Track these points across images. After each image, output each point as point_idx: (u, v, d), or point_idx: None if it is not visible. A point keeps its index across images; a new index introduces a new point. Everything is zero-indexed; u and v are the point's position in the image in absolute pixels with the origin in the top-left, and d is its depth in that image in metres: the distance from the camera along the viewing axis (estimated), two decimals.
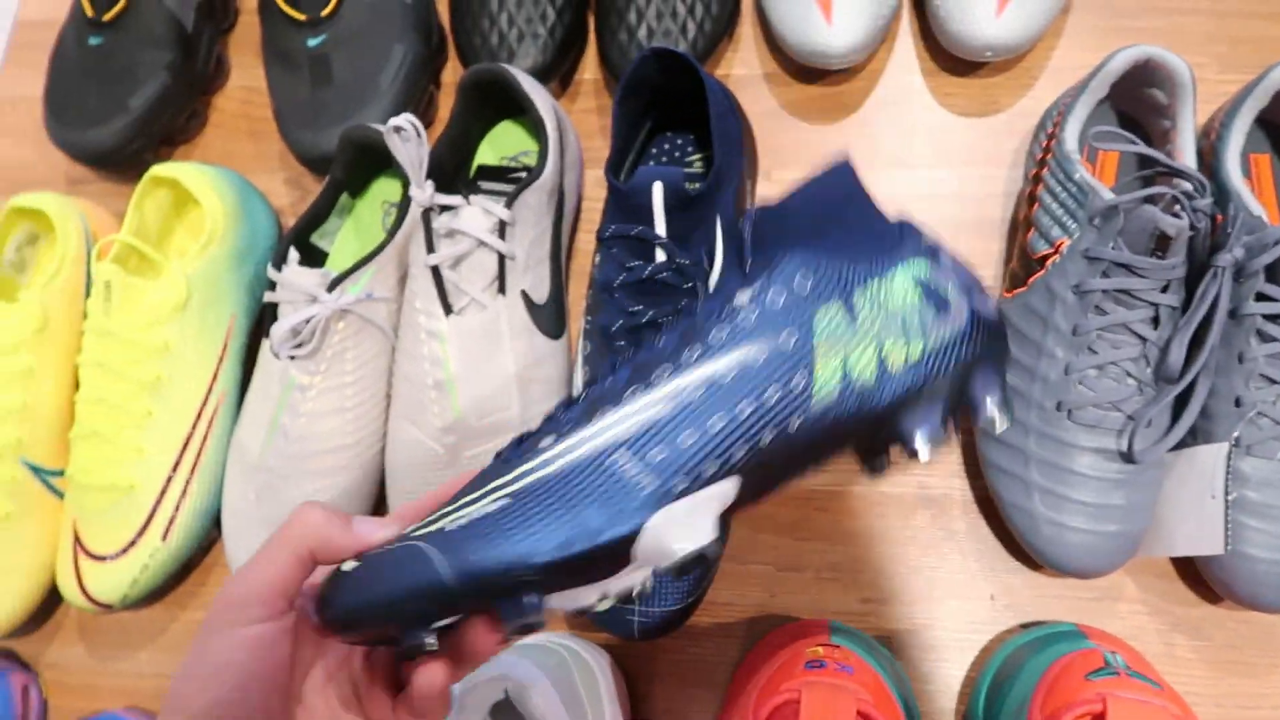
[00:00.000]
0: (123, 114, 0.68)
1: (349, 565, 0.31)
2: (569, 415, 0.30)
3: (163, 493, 0.58)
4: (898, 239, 0.30)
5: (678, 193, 0.50)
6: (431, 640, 0.30)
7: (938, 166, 0.63)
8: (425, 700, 0.33)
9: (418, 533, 0.30)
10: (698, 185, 0.51)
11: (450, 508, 0.30)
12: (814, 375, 0.29)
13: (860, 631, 0.52)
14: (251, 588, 0.31)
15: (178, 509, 0.59)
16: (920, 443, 0.29)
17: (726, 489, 0.29)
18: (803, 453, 0.30)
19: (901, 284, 0.30)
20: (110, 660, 0.63)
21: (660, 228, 0.51)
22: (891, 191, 0.62)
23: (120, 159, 0.68)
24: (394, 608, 0.29)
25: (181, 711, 0.30)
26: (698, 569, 0.29)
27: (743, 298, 0.30)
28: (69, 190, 0.73)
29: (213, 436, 0.60)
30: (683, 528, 0.28)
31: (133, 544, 0.58)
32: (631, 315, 0.52)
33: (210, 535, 0.61)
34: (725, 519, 0.30)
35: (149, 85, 0.68)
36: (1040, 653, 0.46)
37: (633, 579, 0.30)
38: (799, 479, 0.31)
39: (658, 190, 0.50)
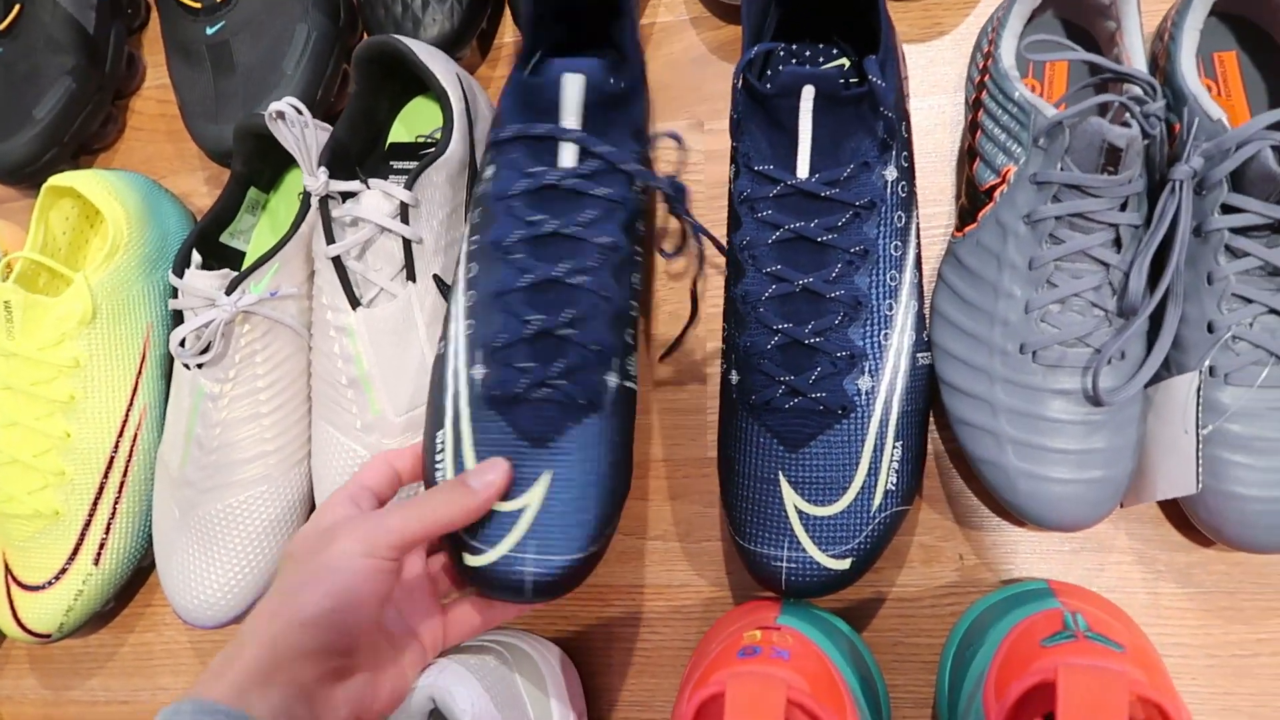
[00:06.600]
0: (29, 124, 0.65)
1: None
2: None
3: (90, 516, 0.56)
4: None
5: (597, 87, 0.44)
6: None
7: None
8: None
9: None
10: (617, 82, 0.45)
11: None
12: None
13: (815, 608, 0.48)
14: (380, 537, 0.38)
15: (108, 531, 0.57)
16: None
17: None
18: None
19: None
20: (64, 690, 0.61)
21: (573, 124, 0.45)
22: None
23: (34, 172, 0.66)
24: None
25: (295, 615, 0.36)
26: None
27: None
28: None
29: (138, 453, 0.58)
30: None
31: (64, 571, 0.56)
32: (530, 225, 0.45)
33: (148, 555, 0.59)
34: None
35: (53, 92, 0.65)
36: (1003, 618, 0.42)
37: None
38: None
39: (573, 82, 0.43)
